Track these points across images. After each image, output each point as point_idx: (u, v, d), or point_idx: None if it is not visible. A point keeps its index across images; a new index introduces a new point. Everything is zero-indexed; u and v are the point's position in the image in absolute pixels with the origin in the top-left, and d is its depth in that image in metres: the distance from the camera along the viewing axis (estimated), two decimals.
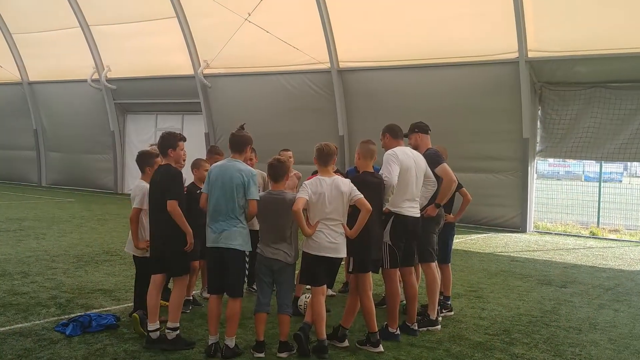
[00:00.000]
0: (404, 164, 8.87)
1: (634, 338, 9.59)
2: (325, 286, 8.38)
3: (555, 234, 22.62)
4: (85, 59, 32.04)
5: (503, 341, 9.12)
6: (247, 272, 8.12)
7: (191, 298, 10.28)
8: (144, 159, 9.35)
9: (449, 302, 10.59)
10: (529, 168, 22.17)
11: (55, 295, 10.76)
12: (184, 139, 8.65)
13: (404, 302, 9.61)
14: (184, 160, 9.00)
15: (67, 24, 31.39)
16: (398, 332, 8.97)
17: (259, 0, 24.21)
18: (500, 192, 22.66)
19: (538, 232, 22.74)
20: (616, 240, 21.88)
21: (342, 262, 8.60)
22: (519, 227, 22.49)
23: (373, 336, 8.46)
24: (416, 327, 9.31)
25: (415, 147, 9.77)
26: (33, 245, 15.63)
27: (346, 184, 8.20)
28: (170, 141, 8.44)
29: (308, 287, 8.92)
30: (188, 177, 9.55)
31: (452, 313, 10.49)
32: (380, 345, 8.43)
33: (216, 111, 29.31)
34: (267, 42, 24.95)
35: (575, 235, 22.48)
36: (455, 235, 11.09)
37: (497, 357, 8.41)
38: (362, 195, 8.12)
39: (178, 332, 8.26)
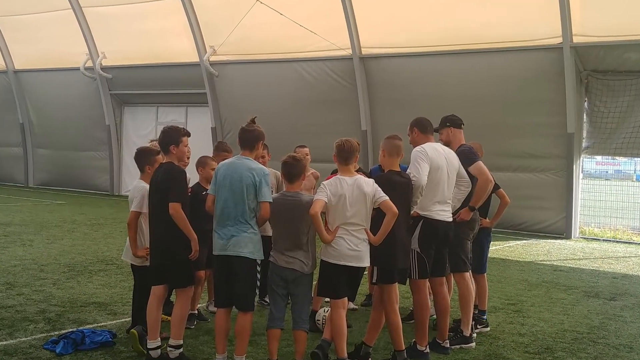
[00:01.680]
0: (434, 162, 8.85)
1: None
2: (346, 299, 8.37)
3: (603, 240, 22.51)
4: (77, 45, 32.08)
5: None
6: (258, 283, 8.12)
7: (196, 312, 10.31)
8: (143, 156, 9.36)
9: (485, 317, 10.56)
10: (574, 167, 22.08)
11: (44, 308, 10.78)
12: (188, 134, 8.65)
13: (434, 316, 9.59)
14: (188, 158, 9.00)
15: (57, 5, 31.41)
16: (427, 350, 8.94)
17: None
18: (542, 193, 22.59)
19: (584, 238, 22.65)
20: None
21: (365, 272, 8.59)
22: (563, 232, 22.41)
23: (399, 355, 8.44)
24: (448, 345, 9.28)
25: (447, 143, 9.75)
26: (19, 253, 15.67)
27: (369, 185, 8.18)
28: (172, 137, 8.44)
29: (327, 299, 8.91)
30: (192, 176, 9.57)
31: (488, 329, 10.46)
32: None
33: (224, 103, 29.36)
34: (281, 25, 24.89)
35: (626, 242, 22.37)
36: (491, 242, 11.04)
37: None
38: (387, 197, 8.10)
39: (181, 350, 8.27)
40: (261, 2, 24.40)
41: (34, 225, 20.64)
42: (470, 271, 9.82)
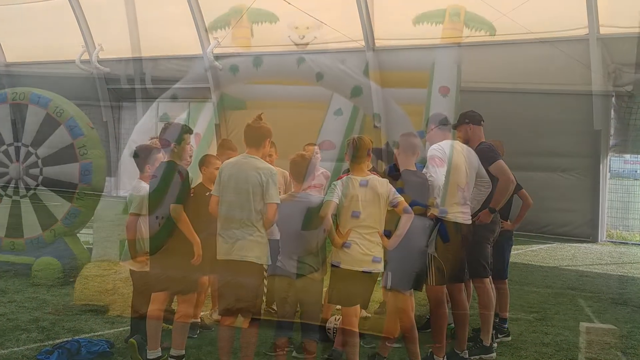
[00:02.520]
0: (452, 161, 8.83)
1: None
2: (358, 306, 8.36)
3: (632, 244, 22.44)
4: (72, 36, 32.07)
5: None
6: (265, 290, 8.11)
7: (199, 320, 10.30)
8: (143, 155, 9.36)
9: (506, 326, 10.53)
10: (601, 166, 22.03)
11: (38, 317, 10.81)
12: (191, 132, 8.65)
13: (453, 325, 9.57)
14: (191, 157, 9.02)
15: None
16: None
17: None
18: (566, 194, 22.52)
19: (612, 241, 22.59)
20: None
21: (379, 278, 8.58)
22: (589, 236, 22.35)
23: None
24: (467, 355, 9.26)
25: (466, 141, 9.72)
26: (11, 258, 15.65)
27: (383, 185, 8.15)
28: (174, 134, 8.44)
29: (338, 307, 8.90)
30: (195, 176, 9.57)
31: (510, 338, 10.44)
32: None
33: (229, 98, 29.29)
34: (289, 16, 24.86)
35: None
36: (513, 246, 11.01)
37: None
38: (402, 199, 8.08)
39: None
40: None
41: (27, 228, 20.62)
42: (490, 277, 9.79)
